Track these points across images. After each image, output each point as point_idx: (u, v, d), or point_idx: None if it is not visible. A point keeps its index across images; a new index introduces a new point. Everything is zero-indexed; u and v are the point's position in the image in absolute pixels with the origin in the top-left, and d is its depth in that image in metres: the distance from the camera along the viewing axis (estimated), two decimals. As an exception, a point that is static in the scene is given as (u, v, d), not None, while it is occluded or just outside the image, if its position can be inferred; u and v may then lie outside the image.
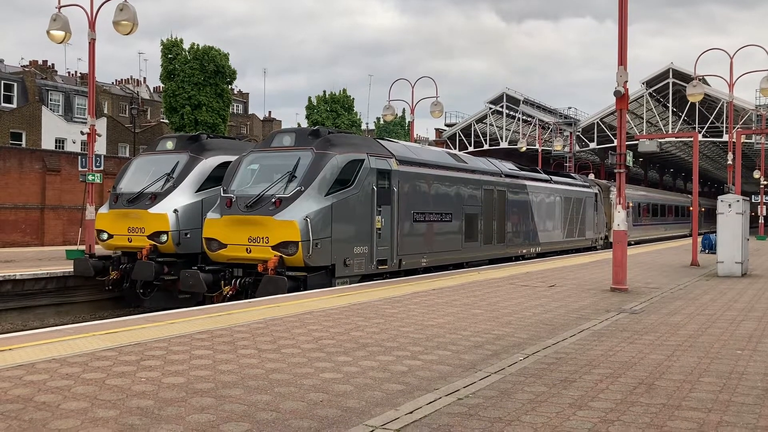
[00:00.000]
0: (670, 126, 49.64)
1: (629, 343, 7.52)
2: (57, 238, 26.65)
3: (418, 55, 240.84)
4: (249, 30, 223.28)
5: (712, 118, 46.25)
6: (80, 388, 5.26)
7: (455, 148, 52.01)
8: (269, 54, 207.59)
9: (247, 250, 12.61)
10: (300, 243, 12.08)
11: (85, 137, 17.81)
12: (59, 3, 16.63)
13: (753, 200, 40.47)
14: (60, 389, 5.23)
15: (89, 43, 17.03)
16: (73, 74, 59.70)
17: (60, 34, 16.20)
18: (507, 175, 20.41)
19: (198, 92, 34.56)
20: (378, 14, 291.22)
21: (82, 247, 17.65)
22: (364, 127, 60.82)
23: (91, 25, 16.97)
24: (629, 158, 12.99)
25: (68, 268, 15.54)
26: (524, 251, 21.26)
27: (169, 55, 34.83)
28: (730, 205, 15.97)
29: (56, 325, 11.13)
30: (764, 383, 5.76)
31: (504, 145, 54.21)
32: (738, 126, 40.59)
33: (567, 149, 52.07)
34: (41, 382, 5.42)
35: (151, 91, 66.91)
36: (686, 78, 38.73)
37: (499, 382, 5.70)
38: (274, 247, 12.28)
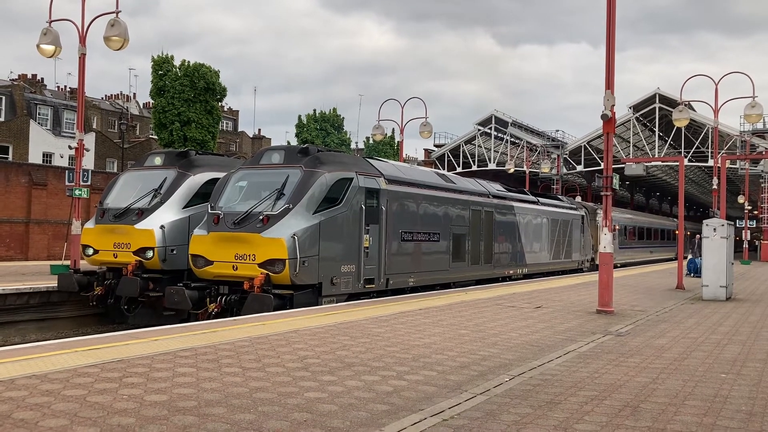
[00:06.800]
0: (657, 150, 50.13)
1: (615, 365, 7.53)
2: (42, 252, 26.40)
3: (412, 77, 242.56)
4: (245, 48, 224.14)
5: (697, 143, 46.80)
6: (60, 405, 5.18)
7: (444, 169, 52.22)
8: (265, 72, 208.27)
9: (233, 267, 12.54)
10: (287, 261, 12.03)
11: (73, 152, 17.74)
12: (50, 17, 16.66)
13: (738, 225, 40.89)
14: (39, 406, 5.15)
15: (79, 57, 17.04)
16: (62, 89, 59.56)
17: (50, 48, 16.21)
18: (495, 196, 20.50)
19: (188, 108, 34.56)
20: (374, 36, 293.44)
21: (67, 262, 17.49)
22: (353, 146, 61.02)
23: (82, 39, 16.98)
24: (616, 181, 13.08)
25: (52, 283, 15.37)
26: (511, 272, 21.30)
27: (160, 71, 34.85)
28: (715, 229, 16.10)
29: (38, 341, 10.97)
30: (748, 407, 5.78)
31: (492, 166, 54.53)
32: (723, 151, 41.09)
33: (554, 171, 52.47)
34: (20, 399, 5.34)
35: (141, 106, 66.85)
36: (673, 103, 39.18)
37: (485, 403, 5.68)
38: (260, 265, 12.21)
